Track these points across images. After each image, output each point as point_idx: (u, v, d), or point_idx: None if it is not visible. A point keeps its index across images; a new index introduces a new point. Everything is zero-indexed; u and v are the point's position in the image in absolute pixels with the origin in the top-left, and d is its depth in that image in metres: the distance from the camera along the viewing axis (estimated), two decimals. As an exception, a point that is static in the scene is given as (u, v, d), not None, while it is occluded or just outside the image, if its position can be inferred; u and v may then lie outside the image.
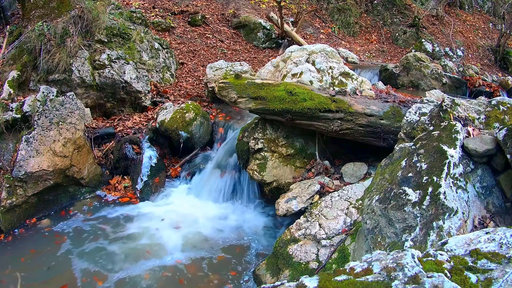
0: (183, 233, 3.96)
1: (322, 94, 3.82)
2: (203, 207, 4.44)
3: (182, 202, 4.54)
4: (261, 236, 3.98)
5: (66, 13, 5.18)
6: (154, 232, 3.95)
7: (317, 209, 3.29)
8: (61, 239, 3.84)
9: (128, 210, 4.35)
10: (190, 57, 7.48)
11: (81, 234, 3.91)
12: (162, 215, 4.25)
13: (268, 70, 5.29)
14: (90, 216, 4.24)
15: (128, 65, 5.45)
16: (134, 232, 3.96)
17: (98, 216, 4.23)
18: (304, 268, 2.90)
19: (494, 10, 13.21)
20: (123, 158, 4.79)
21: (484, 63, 10.52)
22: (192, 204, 4.50)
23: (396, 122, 3.68)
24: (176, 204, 4.50)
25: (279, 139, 4.15)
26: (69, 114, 4.50)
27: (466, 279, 1.16)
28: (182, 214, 4.28)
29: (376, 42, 10.64)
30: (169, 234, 3.94)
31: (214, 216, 4.28)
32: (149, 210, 4.35)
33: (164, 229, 4.01)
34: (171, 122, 4.92)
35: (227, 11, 9.51)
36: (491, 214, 2.03)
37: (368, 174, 3.80)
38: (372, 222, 2.16)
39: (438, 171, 2.00)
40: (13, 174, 3.92)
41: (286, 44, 8.72)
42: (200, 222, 4.17)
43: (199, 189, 4.71)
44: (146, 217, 4.22)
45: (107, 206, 4.43)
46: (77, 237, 3.86)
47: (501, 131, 2.05)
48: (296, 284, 1.20)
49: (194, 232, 3.99)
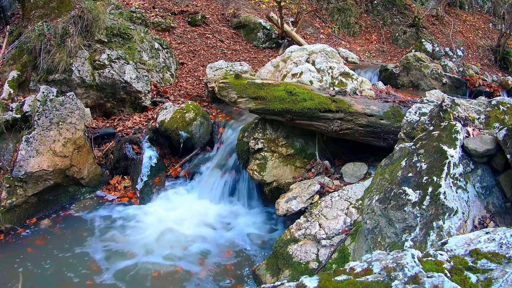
0: (183, 233, 3.96)
1: (322, 94, 3.82)
2: (203, 207, 4.44)
3: (182, 202, 4.54)
4: (261, 236, 3.98)
5: (66, 13, 5.18)
6: (154, 232, 3.95)
7: (317, 209, 3.29)
8: (61, 239, 3.84)
9: (128, 210, 4.35)
10: (190, 57, 7.48)
11: (81, 234, 3.91)
12: (162, 215, 4.25)
13: (268, 70, 5.29)
14: (90, 216, 4.24)
15: (128, 65, 5.45)
16: (134, 232, 3.96)
17: (98, 216, 4.23)
18: (304, 268, 2.90)
19: (494, 10, 13.21)
20: (123, 158, 4.79)
21: (484, 63, 10.52)
22: (192, 204, 4.50)
23: (396, 122, 3.68)
24: (176, 204, 4.50)
25: (279, 139, 4.15)
26: (69, 114, 4.50)
27: (466, 279, 1.16)
28: (182, 214, 4.28)
29: (376, 42, 10.65)
30: (168, 234, 3.93)
31: (214, 216, 4.28)
32: (149, 210, 4.35)
33: (164, 229, 4.01)
34: (171, 122, 4.92)
35: (227, 11, 9.51)
36: (491, 214, 2.03)
37: (368, 174, 3.80)
38: (372, 222, 2.16)
39: (438, 171, 2.00)
40: (13, 174, 3.92)
41: (286, 44, 8.72)
42: (200, 222, 4.17)
43: (199, 189, 4.71)
44: (146, 217, 4.22)
45: (107, 206, 4.43)
46: (77, 237, 3.86)
47: (501, 131, 2.05)
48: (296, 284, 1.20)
49: (193, 232, 3.99)
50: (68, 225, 4.07)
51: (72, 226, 4.05)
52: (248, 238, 3.94)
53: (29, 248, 3.68)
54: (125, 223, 4.12)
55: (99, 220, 4.16)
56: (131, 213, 4.28)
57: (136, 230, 4.00)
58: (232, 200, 4.56)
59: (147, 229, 4.00)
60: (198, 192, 4.67)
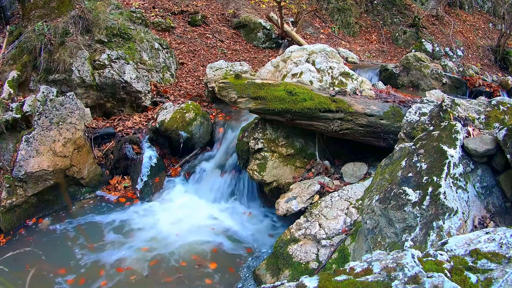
0: (182, 233, 3.96)
1: (322, 94, 3.82)
2: (203, 207, 4.44)
3: (182, 202, 4.54)
4: (261, 236, 3.98)
5: (66, 13, 5.18)
6: (154, 231, 3.95)
7: (317, 209, 3.29)
8: (61, 239, 3.84)
9: (128, 210, 4.35)
10: (190, 57, 7.48)
11: (81, 234, 3.91)
12: (162, 215, 4.25)
13: (268, 70, 5.29)
14: (90, 216, 4.24)
15: (128, 65, 5.45)
16: (134, 232, 3.96)
17: (98, 216, 4.23)
18: (304, 268, 2.90)
19: (494, 10, 13.21)
20: (123, 158, 4.79)
21: (484, 63, 10.52)
22: (192, 204, 4.50)
23: (396, 122, 3.68)
24: (176, 204, 4.50)
25: (279, 139, 4.15)
26: (69, 114, 4.50)
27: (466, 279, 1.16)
28: (182, 214, 4.28)
29: (376, 42, 10.64)
30: (168, 233, 3.93)
31: (213, 216, 4.28)
32: (149, 210, 4.35)
33: (164, 228, 4.01)
34: (171, 122, 4.92)
35: (227, 11, 9.51)
36: (491, 214, 2.03)
37: (368, 174, 3.80)
38: (372, 222, 2.16)
39: (438, 171, 2.00)
40: (13, 174, 3.92)
41: (286, 44, 8.72)
42: (200, 221, 4.17)
43: (199, 189, 4.71)
44: (146, 217, 4.22)
45: (107, 206, 4.43)
46: (77, 237, 3.86)
47: (501, 131, 2.05)
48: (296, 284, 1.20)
49: (193, 232, 3.99)
50: (68, 225, 4.07)
51: (72, 226, 4.05)
52: (248, 238, 3.94)
53: (29, 248, 3.68)
54: (125, 223, 4.12)
55: (99, 220, 4.16)
56: (131, 213, 4.28)
57: (136, 230, 4.00)
58: (232, 200, 4.56)
59: (146, 229, 4.00)
60: (198, 192, 4.67)
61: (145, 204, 4.47)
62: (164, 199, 4.60)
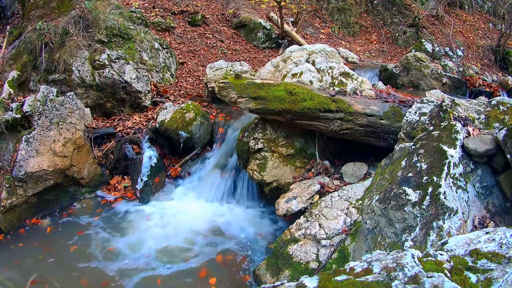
0: (182, 232, 3.96)
1: (322, 94, 3.82)
2: (202, 207, 4.44)
3: (182, 202, 4.54)
4: (261, 236, 3.98)
5: (66, 13, 5.18)
6: (154, 231, 3.95)
7: (317, 209, 3.29)
8: (61, 239, 3.83)
9: (128, 210, 4.35)
10: (190, 57, 7.48)
11: (81, 234, 3.91)
12: (162, 215, 4.25)
13: (268, 70, 5.29)
14: (90, 216, 4.24)
15: (128, 65, 5.45)
16: (134, 232, 3.96)
17: (98, 216, 4.23)
18: (304, 268, 2.90)
19: (494, 10, 13.21)
20: (123, 158, 4.79)
21: (484, 63, 10.52)
22: (192, 204, 4.50)
23: (396, 122, 3.68)
24: (176, 204, 4.50)
25: (279, 139, 4.15)
26: (69, 114, 4.50)
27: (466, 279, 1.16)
28: (182, 214, 4.28)
29: (376, 42, 10.64)
30: (168, 233, 3.93)
31: (213, 216, 4.28)
32: (149, 210, 4.35)
33: (164, 229, 4.01)
34: (171, 122, 4.92)
35: (227, 11, 9.51)
36: (491, 214, 2.03)
37: (368, 174, 3.80)
38: (372, 222, 2.16)
39: (438, 171, 2.00)
40: (13, 174, 3.92)
41: (286, 44, 8.72)
42: (200, 221, 4.17)
43: (199, 189, 4.71)
44: (145, 217, 4.22)
45: (107, 206, 4.43)
46: (77, 237, 3.86)
47: (501, 131, 2.05)
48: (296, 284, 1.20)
49: (193, 231, 3.99)
50: (68, 225, 4.07)
51: (72, 226, 4.05)
52: (248, 238, 3.94)
53: (29, 249, 3.68)
54: (125, 223, 4.12)
55: (99, 220, 4.16)
56: (131, 213, 4.28)
57: (136, 230, 4.00)
58: (232, 200, 4.56)
59: (146, 229, 4.00)
60: (198, 192, 4.67)
61: (145, 204, 4.47)
62: (164, 199, 4.60)
